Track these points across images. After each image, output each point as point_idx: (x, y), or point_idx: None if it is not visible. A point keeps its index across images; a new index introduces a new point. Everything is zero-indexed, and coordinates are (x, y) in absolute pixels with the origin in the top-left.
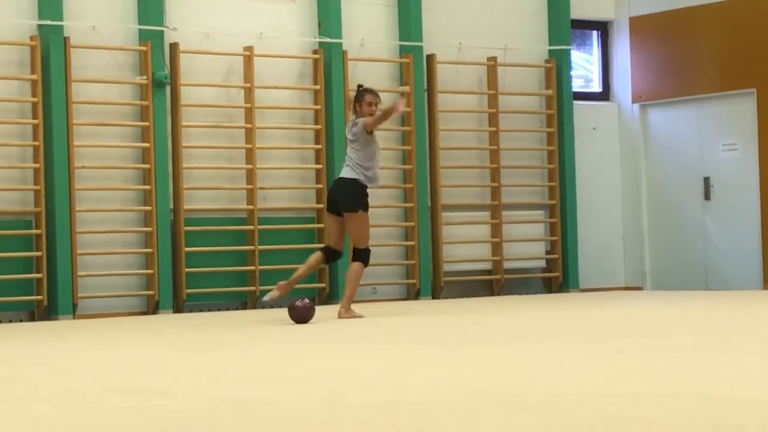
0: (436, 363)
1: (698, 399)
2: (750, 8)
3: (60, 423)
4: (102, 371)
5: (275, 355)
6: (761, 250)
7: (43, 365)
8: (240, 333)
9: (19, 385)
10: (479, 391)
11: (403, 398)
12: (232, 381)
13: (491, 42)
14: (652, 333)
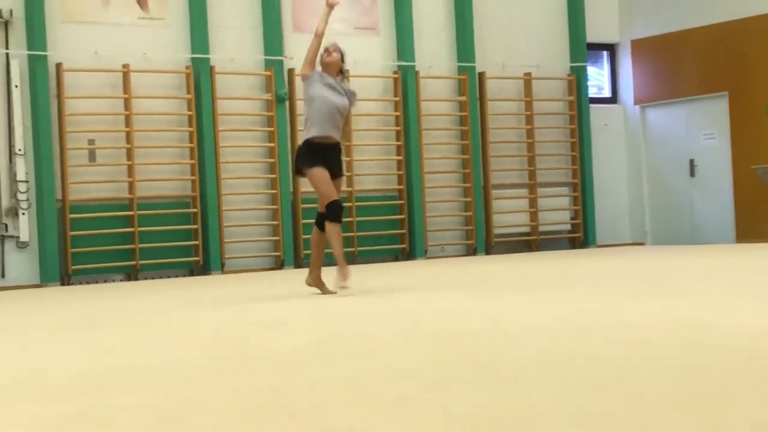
0: (517, 303)
1: (686, 323)
2: (724, 31)
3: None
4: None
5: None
6: (734, 214)
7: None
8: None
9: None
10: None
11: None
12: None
13: (527, 61)
14: (656, 278)
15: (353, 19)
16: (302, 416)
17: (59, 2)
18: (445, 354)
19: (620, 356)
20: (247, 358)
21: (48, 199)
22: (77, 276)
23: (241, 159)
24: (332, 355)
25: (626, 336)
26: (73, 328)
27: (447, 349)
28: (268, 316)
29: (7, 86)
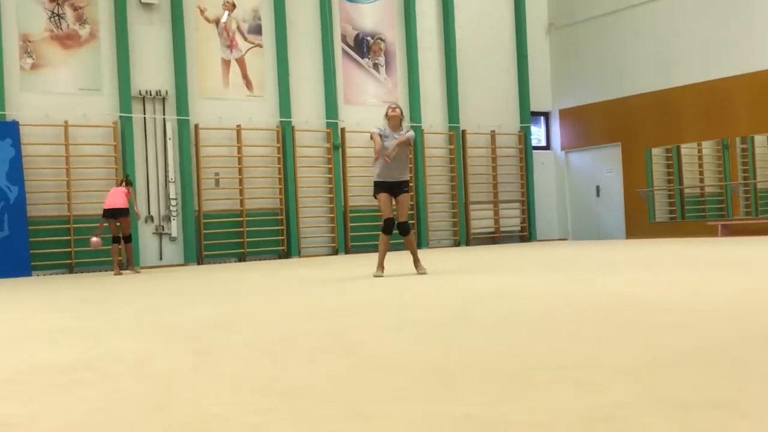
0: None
1: (596, 289)
2: (617, 103)
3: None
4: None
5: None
6: (624, 220)
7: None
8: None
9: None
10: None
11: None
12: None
13: (493, 122)
14: (576, 260)
15: (381, 94)
16: (351, 347)
17: (197, 85)
18: (456, 302)
19: (558, 308)
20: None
21: (189, 209)
22: (207, 259)
23: (310, 185)
24: (387, 308)
25: (558, 298)
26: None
27: (458, 299)
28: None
29: (164, 139)
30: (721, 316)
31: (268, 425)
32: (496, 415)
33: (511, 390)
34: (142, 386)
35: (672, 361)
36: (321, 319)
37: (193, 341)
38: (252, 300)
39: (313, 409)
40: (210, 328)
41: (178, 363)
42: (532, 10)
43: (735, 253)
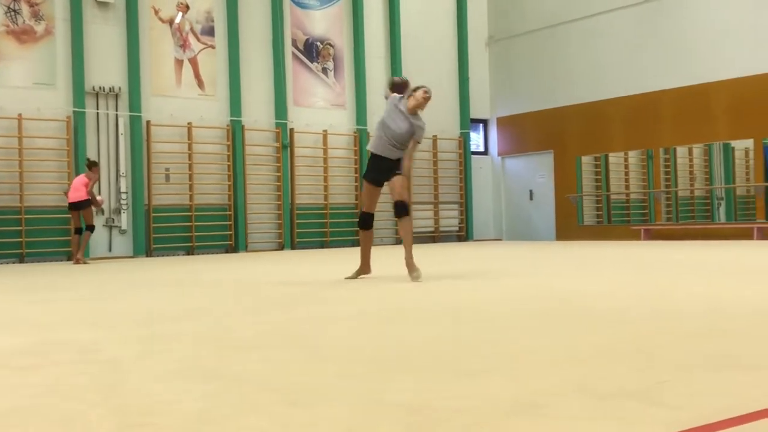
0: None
1: (531, 284)
2: (550, 113)
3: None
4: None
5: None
6: (555, 223)
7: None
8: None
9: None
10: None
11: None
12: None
13: (435, 128)
14: (510, 259)
15: (329, 98)
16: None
17: (150, 83)
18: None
19: (502, 302)
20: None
21: (139, 203)
22: (156, 251)
23: (258, 182)
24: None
25: (501, 292)
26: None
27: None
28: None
29: (116, 134)
30: (640, 312)
31: (211, 411)
32: (425, 402)
33: (443, 378)
34: (89, 373)
35: (594, 353)
36: (268, 311)
37: (141, 329)
38: (200, 291)
39: (257, 396)
40: (157, 317)
41: (125, 350)
42: (473, 23)
43: (655, 255)
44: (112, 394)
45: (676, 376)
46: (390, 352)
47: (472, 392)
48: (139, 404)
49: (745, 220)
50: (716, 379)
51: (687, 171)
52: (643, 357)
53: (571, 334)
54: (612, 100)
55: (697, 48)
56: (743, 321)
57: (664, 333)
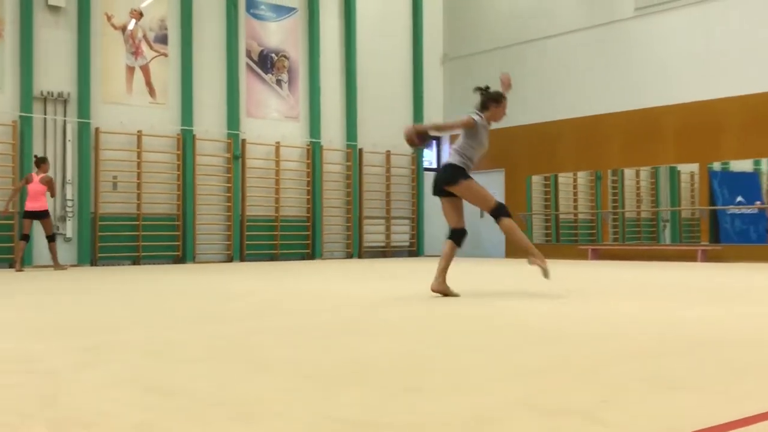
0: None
1: (481, 299)
2: (502, 133)
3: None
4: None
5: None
6: (505, 239)
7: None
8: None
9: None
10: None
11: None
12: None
13: (389, 142)
14: (460, 275)
15: (283, 110)
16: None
17: (100, 89)
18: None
19: (444, 317)
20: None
21: (85, 211)
22: (101, 260)
23: (208, 192)
24: (289, 309)
25: (448, 308)
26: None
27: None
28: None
29: (63, 140)
30: (585, 331)
31: (153, 423)
32: (372, 418)
33: (391, 394)
34: (29, 383)
35: (540, 370)
36: (214, 322)
37: (82, 340)
38: (144, 302)
39: (199, 409)
40: (99, 327)
41: (66, 361)
42: (429, 40)
43: (601, 275)
44: (51, 405)
45: (618, 396)
46: (339, 366)
47: (419, 408)
48: (77, 417)
49: (690, 242)
50: (658, 399)
51: (634, 193)
52: (587, 375)
53: (518, 351)
54: (562, 122)
55: (646, 73)
56: (685, 342)
57: (608, 352)
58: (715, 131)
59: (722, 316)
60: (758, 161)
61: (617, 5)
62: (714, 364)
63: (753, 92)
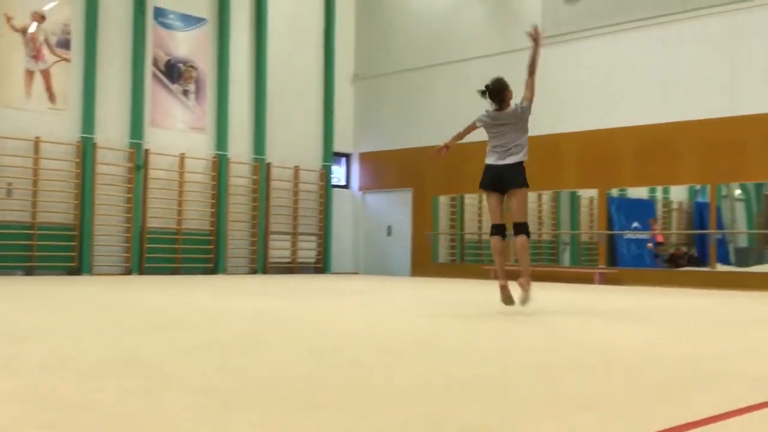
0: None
1: (386, 314)
2: (407, 152)
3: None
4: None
5: None
6: (411, 259)
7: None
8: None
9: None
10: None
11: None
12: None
13: (297, 158)
14: (370, 290)
15: (189, 121)
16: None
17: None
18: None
19: (347, 336)
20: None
21: None
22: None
23: (108, 203)
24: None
25: (355, 325)
26: None
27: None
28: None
29: None
30: (489, 349)
31: None
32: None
33: (292, 412)
34: None
35: (442, 388)
36: (113, 336)
37: None
38: (45, 313)
39: (98, 424)
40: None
41: None
42: (341, 58)
43: None
44: None
45: (524, 414)
46: (239, 384)
47: (321, 426)
48: None
49: (588, 265)
50: (564, 417)
51: (536, 216)
52: (491, 393)
53: (423, 369)
54: (468, 144)
55: (551, 100)
56: (584, 360)
57: (514, 371)
58: (614, 159)
59: (624, 337)
60: (653, 189)
61: (523, 34)
62: (617, 383)
63: (648, 123)
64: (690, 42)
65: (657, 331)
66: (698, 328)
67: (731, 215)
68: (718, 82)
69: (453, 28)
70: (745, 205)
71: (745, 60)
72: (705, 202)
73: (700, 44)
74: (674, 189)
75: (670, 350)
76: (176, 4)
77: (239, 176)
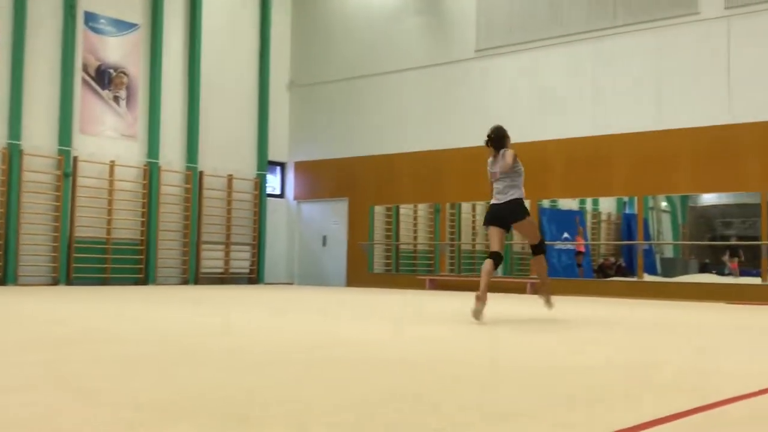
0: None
1: (315, 328)
2: (342, 162)
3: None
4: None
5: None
6: (346, 269)
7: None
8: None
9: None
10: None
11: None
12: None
13: (231, 166)
14: (301, 302)
15: (120, 128)
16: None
17: None
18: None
19: (282, 348)
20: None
21: None
22: None
23: (35, 211)
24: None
25: (287, 337)
26: None
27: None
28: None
29: None
30: (419, 360)
31: None
32: None
33: (222, 426)
34: None
35: (384, 401)
36: (37, 349)
37: None
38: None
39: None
40: None
41: None
42: (276, 66)
43: (436, 304)
44: None
45: (453, 426)
46: (169, 397)
47: None
48: None
49: (520, 275)
50: (491, 429)
51: (470, 225)
52: (420, 404)
53: (355, 381)
54: (404, 155)
55: (483, 111)
56: (517, 371)
57: (443, 381)
58: (544, 170)
59: (551, 346)
60: (583, 200)
61: (459, 46)
62: (544, 393)
63: (578, 136)
64: (619, 56)
65: (582, 341)
66: (624, 337)
67: (658, 227)
68: (646, 96)
69: (389, 38)
70: (671, 216)
71: (671, 75)
72: (633, 214)
73: (629, 59)
74: (603, 201)
75: (595, 359)
76: (108, 9)
77: (171, 185)
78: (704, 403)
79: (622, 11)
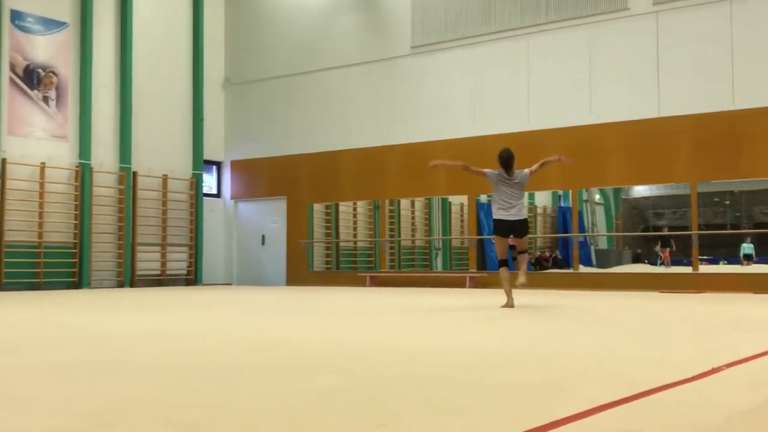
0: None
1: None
2: (280, 160)
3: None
4: None
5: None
6: (286, 268)
7: None
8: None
9: None
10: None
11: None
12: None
13: (166, 166)
14: (242, 302)
15: (50, 128)
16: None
17: None
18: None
19: (214, 350)
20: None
21: None
22: None
23: None
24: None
25: (223, 339)
26: None
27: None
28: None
29: None
30: (360, 356)
31: None
32: None
33: (162, 429)
34: None
35: (321, 399)
36: None
37: None
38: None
39: None
40: None
41: None
42: (211, 63)
43: (376, 301)
44: None
45: (397, 421)
46: (105, 404)
47: None
48: None
49: (459, 269)
50: (436, 423)
51: (409, 222)
52: (363, 401)
53: (292, 381)
54: (343, 152)
55: (421, 108)
56: (458, 366)
57: (383, 378)
58: (481, 165)
59: (487, 340)
60: None
61: (394, 43)
62: (486, 386)
63: (513, 131)
64: (552, 52)
65: (522, 333)
66: (559, 329)
67: (592, 219)
68: (579, 91)
69: (324, 36)
70: (605, 209)
71: (603, 69)
72: (568, 207)
73: (562, 54)
74: (539, 194)
75: (531, 350)
76: (35, 7)
77: (104, 186)
78: (644, 389)
79: (554, 7)
